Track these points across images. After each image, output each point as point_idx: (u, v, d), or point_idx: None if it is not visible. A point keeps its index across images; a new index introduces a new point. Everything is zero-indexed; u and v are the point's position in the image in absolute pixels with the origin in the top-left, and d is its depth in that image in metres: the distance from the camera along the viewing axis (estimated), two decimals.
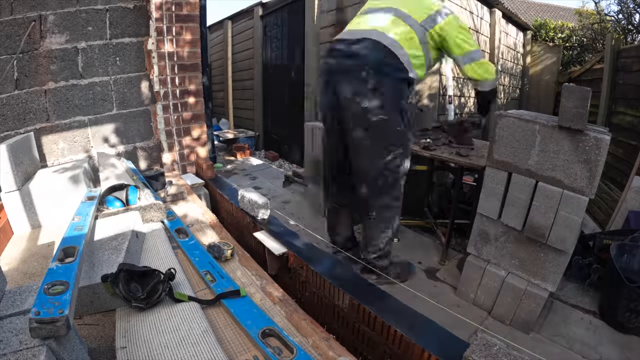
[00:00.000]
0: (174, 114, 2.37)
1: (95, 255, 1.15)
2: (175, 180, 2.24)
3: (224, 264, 1.36)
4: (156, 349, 0.89)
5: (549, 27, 6.70)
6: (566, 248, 1.52)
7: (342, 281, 1.27)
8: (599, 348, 1.60)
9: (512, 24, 5.10)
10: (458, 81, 3.54)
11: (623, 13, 5.82)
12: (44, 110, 1.99)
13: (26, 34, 1.84)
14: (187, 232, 1.56)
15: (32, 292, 0.86)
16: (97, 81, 2.13)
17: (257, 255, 1.75)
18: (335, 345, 1.00)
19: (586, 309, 1.85)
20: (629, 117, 3.32)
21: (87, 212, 1.34)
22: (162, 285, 1.05)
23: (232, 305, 1.10)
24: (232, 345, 0.97)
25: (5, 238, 1.54)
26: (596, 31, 6.40)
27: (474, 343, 0.89)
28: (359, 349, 1.23)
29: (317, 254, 1.48)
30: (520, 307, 1.69)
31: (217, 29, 7.00)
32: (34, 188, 1.60)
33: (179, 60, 2.31)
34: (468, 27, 1.65)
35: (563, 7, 11.94)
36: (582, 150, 1.41)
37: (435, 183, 3.02)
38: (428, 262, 2.34)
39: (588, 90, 1.36)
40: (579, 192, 1.45)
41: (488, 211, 1.75)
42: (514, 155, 1.62)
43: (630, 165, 2.81)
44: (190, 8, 2.28)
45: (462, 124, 2.23)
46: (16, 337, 0.73)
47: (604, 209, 2.86)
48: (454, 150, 2.14)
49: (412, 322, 1.08)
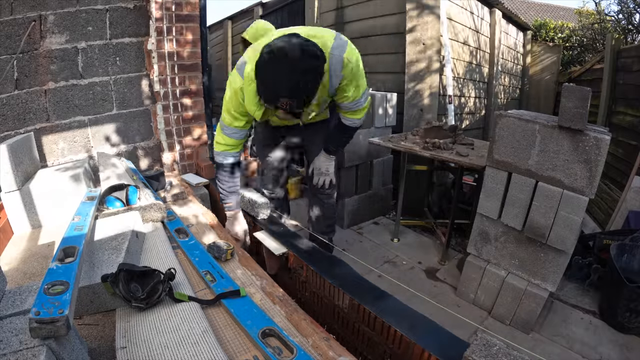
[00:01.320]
0: (174, 114, 2.37)
1: (95, 255, 1.15)
2: (175, 180, 2.24)
3: (224, 264, 1.36)
4: (156, 349, 0.89)
5: (549, 27, 6.71)
6: (566, 248, 1.52)
7: (342, 281, 1.27)
8: (599, 348, 1.60)
9: (512, 24, 5.10)
10: (458, 81, 3.55)
11: (623, 13, 5.82)
12: (44, 110, 1.99)
13: (26, 34, 1.84)
14: (187, 232, 1.56)
15: (32, 292, 0.86)
16: (97, 81, 2.13)
17: (257, 255, 1.75)
18: (335, 345, 1.00)
19: (586, 309, 1.85)
20: (629, 117, 3.32)
21: (87, 212, 1.34)
22: (162, 285, 1.05)
23: (232, 305, 1.10)
24: (232, 345, 0.97)
25: (5, 238, 1.54)
26: (596, 31, 6.40)
27: (474, 343, 0.89)
28: (359, 349, 1.23)
29: (317, 254, 1.48)
30: (520, 307, 1.69)
31: (217, 29, 7.00)
32: (34, 188, 1.60)
33: (179, 60, 2.30)
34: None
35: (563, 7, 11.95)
36: (582, 150, 1.41)
37: (435, 183, 3.02)
38: (428, 262, 2.34)
39: (588, 90, 1.36)
40: (579, 192, 1.45)
41: (488, 211, 1.75)
42: (514, 155, 1.62)
43: (630, 165, 2.81)
44: (190, 8, 2.28)
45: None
46: (16, 337, 0.73)
47: (604, 209, 2.86)
48: (454, 150, 2.14)
49: (412, 322, 1.08)
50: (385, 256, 2.41)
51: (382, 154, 2.88)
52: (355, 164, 2.68)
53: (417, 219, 2.91)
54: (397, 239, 2.61)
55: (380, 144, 2.41)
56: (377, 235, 2.70)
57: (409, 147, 2.26)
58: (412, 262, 2.34)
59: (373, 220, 2.96)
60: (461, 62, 3.57)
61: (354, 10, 3.56)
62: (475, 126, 4.08)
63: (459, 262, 2.27)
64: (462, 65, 3.59)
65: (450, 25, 3.19)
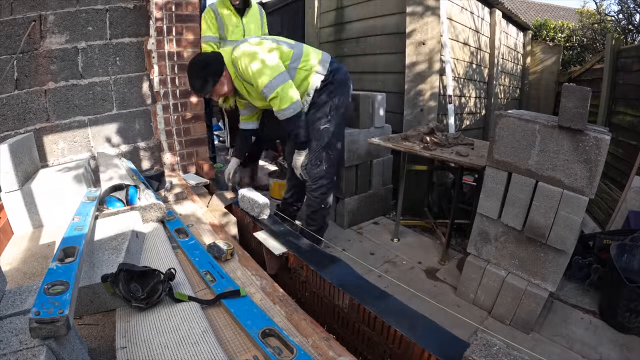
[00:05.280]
0: (174, 114, 2.37)
1: (95, 255, 1.15)
2: (175, 180, 2.24)
3: (224, 264, 1.36)
4: (156, 349, 0.89)
5: (549, 27, 6.71)
6: (566, 248, 1.52)
7: (342, 281, 1.27)
8: (599, 348, 1.60)
9: (512, 24, 5.10)
10: (458, 81, 3.55)
11: (623, 13, 5.82)
12: (44, 110, 1.99)
13: (26, 34, 1.84)
14: (187, 232, 1.56)
15: (32, 292, 0.86)
16: (97, 81, 2.13)
17: (257, 255, 1.75)
18: (335, 345, 1.00)
19: (586, 309, 1.85)
20: (629, 117, 3.32)
21: (87, 212, 1.34)
22: (162, 285, 1.05)
23: (232, 305, 1.10)
24: (232, 345, 0.97)
25: (6, 238, 1.54)
26: (596, 31, 6.41)
27: (474, 343, 0.89)
28: (359, 349, 1.23)
29: (317, 254, 1.48)
30: (520, 307, 1.69)
31: None
32: (34, 188, 1.60)
33: (179, 60, 2.31)
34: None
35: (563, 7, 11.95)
36: (582, 150, 1.41)
37: (435, 183, 3.02)
38: (428, 262, 2.34)
39: (588, 90, 1.36)
40: (579, 192, 1.45)
41: (488, 211, 1.75)
42: (514, 155, 1.62)
43: (630, 165, 2.81)
44: (190, 8, 2.28)
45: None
46: (16, 337, 0.73)
47: (604, 209, 2.86)
48: (454, 150, 2.14)
49: (412, 322, 1.07)
50: (385, 256, 2.41)
51: (382, 153, 2.88)
52: (355, 164, 2.68)
53: (417, 219, 2.91)
54: (397, 239, 2.61)
55: (380, 144, 2.41)
56: (377, 235, 2.70)
57: (409, 147, 2.26)
58: (412, 262, 2.34)
59: (373, 220, 2.96)
60: (461, 62, 3.57)
61: (354, 10, 3.56)
62: (475, 126, 4.09)
63: (459, 262, 2.27)
64: (462, 66, 3.59)
65: (451, 26, 3.19)
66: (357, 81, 3.55)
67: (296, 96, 1.83)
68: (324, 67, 1.93)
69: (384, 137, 2.52)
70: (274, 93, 1.79)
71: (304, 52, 1.92)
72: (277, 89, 1.78)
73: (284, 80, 1.79)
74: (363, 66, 3.58)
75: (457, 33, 3.40)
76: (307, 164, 2.00)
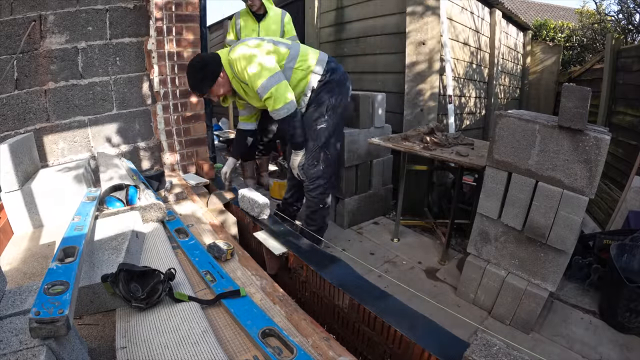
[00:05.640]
0: (174, 114, 2.37)
1: (95, 255, 1.15)
2: (175, 180, 2.24)
3: (224, 264, 1.36)
4: (156, 349, 0.89)
5: (549, 27, 6.70)
6: (566, 248, 1.52)
7: (342, 281, 1.27)
8: (599, 348, 1.60)
9: (512, 24, 5.10)
10: (458, 81, 3.55)
11: (623, 13, 5.82)
12: (44, 110, 1.99)
13: (26, 34, 1.84)
14: (187, 232, 1.56)
15: (32, 292, 0.86)
16: (97, 81, 2.13)
17: (257, 255, 1.75)
18: (335, 345, 1.00)
19: (586, 309, 1.85)
20: (629, 117, 3.32)
21: (87, 212, 1.34)
22: (162, 285, 1.05)
23: (232, 305, 1.10)
24: (232, 345, 0.97)
25: (6, 238, 1.54)
26: (596, 31, 6.41)
27: (474, 343, 0.89)
28: (359, 349, 1.23)
29: (317, 254, 1.48)
30: (520, 307, 1.69)
31: (217, 29, 7.00)
32: (34, 188, 1.60)
33: (179, 60, 2.30)
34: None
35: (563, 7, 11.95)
36: (582, 150, 1.41)
37: (435, 183, 3.02)
38: (428, 262, 2.34)
39: (588, 90, 1.36)
40: (579, 192, 1.45)
41: (488, 211, 1.75)
42: (514, 155, 1.62)
43: (630, 165, 2.81)
44: (190, 8, 2.28)
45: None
46: (16, 337, 0.73)
47: (604, 209, 2.86)
48: (454, 150, 2.14)
49: (412, 322, 1.07)
50: (385, 256, 2.41)
51: (382, 153, 2.88)
52: (355, 164, 2.68)
53: (417, 219, 2.91)
54: (397, 239, 2.61)
55: (380, 144, 2.41)
56: (377, 235, 2.70)
57: (409, 147, 2.26)
58: (412, 262, 2.34)
59: (373, 220, 2.96)
60: (461, 62, 3.57)
61: (354, 10, 3.56)
62: (475, 126, 4.08)
63: (459, 262, 2.27)
64: (462, 66, 3.59)
65: (451, 26, 3.19)
66: (357, 81, 3.55)
67: (290, 96, 1.83)
68: (321, 66, 1.94)
69: (384, 137, 2.52)
70: (268, 93, 1.80)
71: (300, 52, 1.92)
72: (272, 89, 1.79)
73: (278, 80, 1.80)
74: (363, 66, 3.58)
75: (457, 33, 3.40)
76: (304, 164, 2.00)
